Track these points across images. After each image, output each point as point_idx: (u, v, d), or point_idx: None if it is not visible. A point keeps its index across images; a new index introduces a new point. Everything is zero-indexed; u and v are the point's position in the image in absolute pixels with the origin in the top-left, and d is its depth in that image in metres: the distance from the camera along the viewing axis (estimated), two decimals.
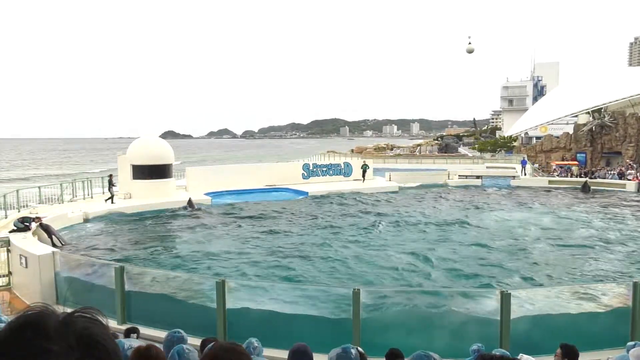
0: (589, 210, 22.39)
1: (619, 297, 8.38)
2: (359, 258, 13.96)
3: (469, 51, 36.75)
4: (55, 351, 0.81)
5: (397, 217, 20.47)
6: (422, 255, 14.16)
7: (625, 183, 30.83)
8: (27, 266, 10.65)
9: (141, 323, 8.12)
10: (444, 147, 73.72)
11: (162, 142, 25.61)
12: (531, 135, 61.27)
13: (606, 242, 16.00)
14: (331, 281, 11.90)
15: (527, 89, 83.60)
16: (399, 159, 53.83)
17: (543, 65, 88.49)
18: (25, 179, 58.86)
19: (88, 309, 0.93)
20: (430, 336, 7.57)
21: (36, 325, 0.84)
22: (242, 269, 12.91)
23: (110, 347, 0.88)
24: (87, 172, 52.65)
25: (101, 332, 0.89)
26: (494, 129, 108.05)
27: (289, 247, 15.41)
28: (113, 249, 14.94)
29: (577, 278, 12.08)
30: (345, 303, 7.65)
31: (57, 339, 0.83)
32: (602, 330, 7.68)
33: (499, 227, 18.70)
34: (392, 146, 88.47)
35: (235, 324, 7.84)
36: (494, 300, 7.46)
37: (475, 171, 35.77)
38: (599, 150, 44.74)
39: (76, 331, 0.86)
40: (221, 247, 15.48)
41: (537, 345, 7.01)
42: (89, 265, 10.55)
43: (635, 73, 45.88)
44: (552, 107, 46.54)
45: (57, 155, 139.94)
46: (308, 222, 19.52)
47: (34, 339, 0.82)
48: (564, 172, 38.11)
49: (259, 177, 28.87)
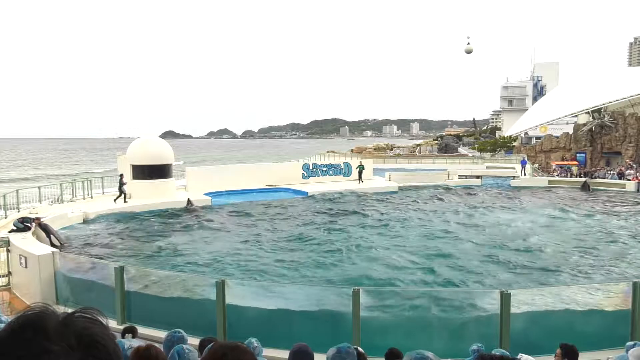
0: (588, 209, 22.39)
1: (618, 297, 8.38)
2: (358, 258, 13.97)
3: (467, 51, 36.84)
4: (56, 351, 0.81)
5: (397, 217, 20.47)
6: (422, 255, 14.17)
7: (625, 183, 30.84)
8: (26, 266, 10.64)
9: (141, 323, 8.12)
10: (444, 147, 73.75)
11: (162, 142, 25.59)
12: (531, 135, 61.30)
13: (605, 241, 16.01)
14: (331, 281, 11.90)
15: (527, 89, 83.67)
16: (398, 159, 53.84)
17: (543, 65, 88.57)
18: (25, 179, 58.86)
19: (88, 309, 0.93)
20: (430, 336, 7.57)
21: (37, 326, 0.84)
22: (242, 269, 12.92)
23: (110, 347, 0.88)
24: (90, 172, 52.53)
25: (102, 332, 0.89)
26: (494, 129, 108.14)
27: (288, 247, 15.42)
28: (113, 249, 14.94)
29: (576, 277, 12.08)
30: (345, 303, 7.64)
31: (58, 339, 0.83)
32: (601, 330, 7.68)
33: (498, 227, 18.69)
34: (392, 146, 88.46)
35: (235, 324, 7.84)
36: (493, 300, 7.46)
37: (475, 171, 35.75)
38: (598, 150, 44.77)
39: (76, 331, 0.86)
40: (221, 247, 15.49)
41: (536, 345, 7.01)
42: (89, 265, 10.55)
43: (634, 73, 45.91)
44: (551, 107, 46.57)
45: (57, 156, 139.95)
46: (308, 222, 19.51)
47: (35, 339, 0.82)
48: (564, 172, 38.13)
49: (258, 177, 28.87)
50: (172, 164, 25.05)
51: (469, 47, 36.47)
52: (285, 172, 30.42)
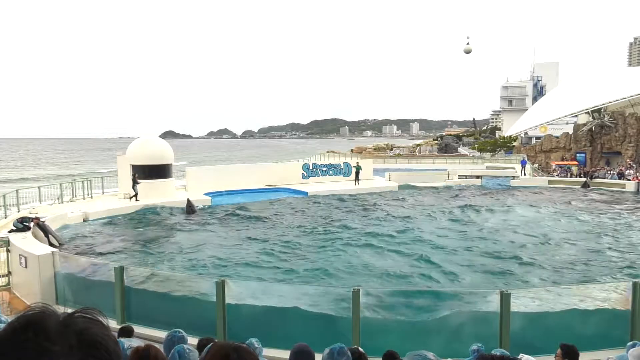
0: (588, 209, 22.40)
1: (618, 297, 8.38)
2: (358, 258, 13.96)
3: (466, 51, 36.85)
4: (56, 352, 0.81)
5: (396, 217, 20.46)
6: (421, 255, 14.16)
7: (625, 183, 30.86)
8: (26, 266, 10.64)
9: (141, 323, 8.12)
10: (444, 147, 73.75)
11: (161, 142, 25.60)
12: (531, 135, 61.30)
13: (606, 241, 16.00)
14: (330, 281, 11.90)
15: (527, 89, 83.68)
16: (398, 159, 53.86)
17: (543, 65, 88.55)
18: (25, 179, 58.84)
19: (88, 310, 0.93)
20: (430, 336, 7.57)
21: (37, 326, 0.84)
22: (242, 269, 12.92)
23: (111, 347, 0.88)
24: (97, 172, 52.43)
25: (102, 332, 0.89)
26: (494, 129, 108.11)
27: (288, 247, 15.41)
28: (113, 249, 14.94)
29: (577, 277, 12.09)
30: (344, 303, 7.64)
31: (58, 340, 0.83)
32: (601, 330, 7.68)
33: (498, 227, 18.69)
34: (391, 146, 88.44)
35: (235, 324, 7.84)
36: (493, 300, 7.45)
37: (475, 171, 35.77)
38: (598, 150, 44.76)
39: (77, 331, 0.86)
40: (221, 247, 15.48)
41: (537, 345, 7.01)
42: (89, 265, 10.54)
43: (634, 73, 45.89)
44: (551, 107, 46.57)
45: (57, 156, 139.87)
46: (307, 222, 19.51)
47: (35, 340, 0.82)
48: (564, 172, 38.13)
49: (258, 177, 28.87)
50: (172, 164, 25.06)
51: (469, 47, 36.48)
52: (285, 172, 30.42)
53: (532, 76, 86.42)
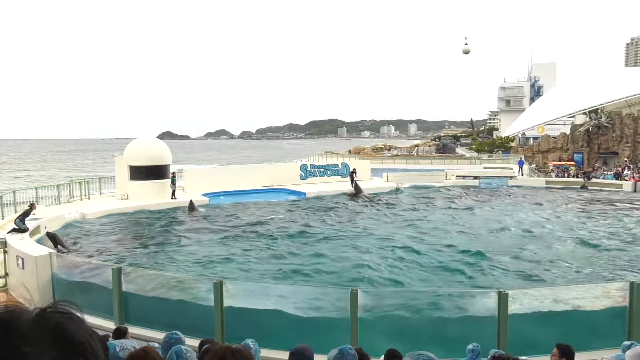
0: (586, 209, 22.46)
1: (615, 296, 8.40)
2: (357, 258, 13.96)
3: (465, 52, 36.83)
4: (28, 353, 0.78)
5: (396, 217, 20.48)
6: (420, 255, 14.17)
7: (622, 183, 30.94)
8: (23, 267, 10.61)
9: (138, 324, 8.11)
10: (442, 147, 73.84)
11: (159, 142, 25.58)
12: (528, 136, 61.38)
13: (602, 241, 16.05)
14: (329, 281, 11.89)
15: (524, 89, 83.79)
16: (396, 160, 53.87)
17: (540, 65, 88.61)
18: (24, 179, 58.68)
19: (62, 303, 0.89)
20: (428, 336, 7.58)
21: (8, 325, 0.80)
22: (240, 270, 12.91)
23: (86, 342, 0.85)
24: (98, 173, 52.28)
25: (76, 327, 0.85)
26: (492, 129, 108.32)
27: (286, 247, 15.41)
28: (110, 250, 14.91)
29: (573, 276, 12.11)
30: (343, 303, 7.64)
31: (31, 338, 0.80)
32: (598, 330, 7.70)
33: (497, 226, 18.72)
34: (389, 147, 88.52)
35: (233, 325, 7.83)
36: (491, 300, 7.47)
37: (473, 171, 35.81)
38: (595, 151, 44.87)
39: (50, 328, 0.82)
40: (219, 247, 15.47)
41: (533, 345, 7.03)
42: (86, 266, 10.52)
43: (631, 74, 46.10)
44: (549, 108, 46.72)
45: (58, 155, 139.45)
46: (306, 222, 19.50)
47: (6, 340, 0.78)
48: (561, 173, 38.22)
49: (256, 177, 28.84)
50: (170, 164, 25.04)
51: (466, 47, 36.43)
52: (283, 172, 30.39)
53: (530, 77, 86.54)
